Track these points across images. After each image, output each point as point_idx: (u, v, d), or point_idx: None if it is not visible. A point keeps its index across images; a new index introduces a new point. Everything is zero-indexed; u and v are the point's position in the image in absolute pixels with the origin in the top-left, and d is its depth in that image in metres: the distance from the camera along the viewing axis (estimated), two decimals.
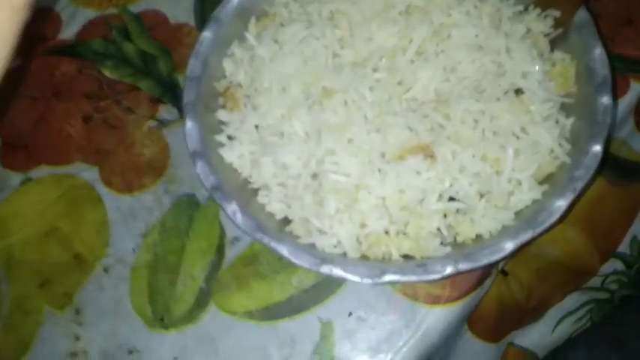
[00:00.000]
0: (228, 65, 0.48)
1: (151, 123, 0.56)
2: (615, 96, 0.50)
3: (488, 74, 0.42)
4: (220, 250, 0.49)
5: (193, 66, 0.46)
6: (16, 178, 0.55)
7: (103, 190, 0.53)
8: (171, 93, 0.57)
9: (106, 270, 0.49)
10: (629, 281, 0.57)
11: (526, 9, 0.46)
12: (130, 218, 0.51)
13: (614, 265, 0.56)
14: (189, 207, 0.51)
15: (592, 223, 0.51)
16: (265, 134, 0.43)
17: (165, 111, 0.56)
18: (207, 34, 0.48)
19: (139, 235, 0.50)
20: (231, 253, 0.49)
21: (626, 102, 0.52)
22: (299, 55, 0.45)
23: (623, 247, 0.55)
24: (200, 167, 0.42)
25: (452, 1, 0.45)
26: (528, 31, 0.44)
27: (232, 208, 0.40)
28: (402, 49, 0.44)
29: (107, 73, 0.59)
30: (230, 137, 0.45)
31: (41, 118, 0.57)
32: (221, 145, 0.45)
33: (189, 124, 0.43)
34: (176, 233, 0.50)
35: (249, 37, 0.48)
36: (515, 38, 0.43)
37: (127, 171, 0.53)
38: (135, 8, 0.62)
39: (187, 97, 0.45)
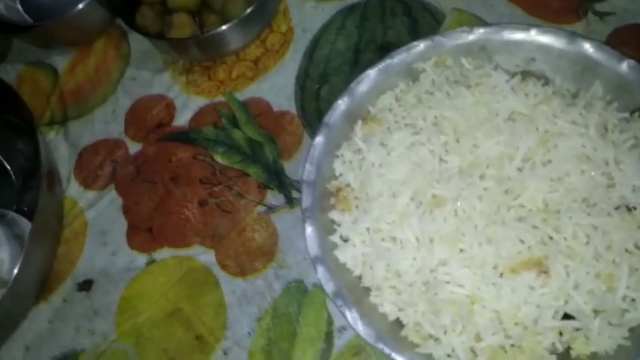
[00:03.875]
0: (338, 166, 0.52)
1: (260, 208, 0.60)
2: None
3: (597, 187, 0.43)
4: (329, 339, 0.52)
5: (309, 171, 0.51)
6: (141, 259, 0.61)
7: (219, 273, 0.58)
8: (277, 179, 0.61)
9: (225, 353, 0.54)
10: None
11: (631, 114, 0.47)
12: (245, 302, 0.56)
13: None
14: (298, 293, 0.55)
15: None
16: (377, 238, 0.46)
17: (273, 197, 0.61)
18: (319, 140, 0.52)
19: (254, 319, 0.55)
20: (339, 342, 0.52)
21: None
22: (407, 162, 0.48)
23: None
24: (321, 273, 0.45)
25: (557, 108, 0.47)
26: (636, 139, 0.45)
27: (353, 315, 0.43)
28: (509, 158, 0.46)
29: (219, 159, 0.64)
30: (343, 238, 0.49)
31: (161, 202, 0.64)
32: (335, 246, 0.48)
33: (308, 229, 0.47)
34: (287, 319, 0.54)
35: (358, 140, 0.52)
36: (624, 148, 0.44)
37: (240, 255, 0.58)
38: (241, 96, 0.68)
39: (305, 202, 0.49)
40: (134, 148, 0.68)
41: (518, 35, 0.52)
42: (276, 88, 0.67)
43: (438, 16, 0.66)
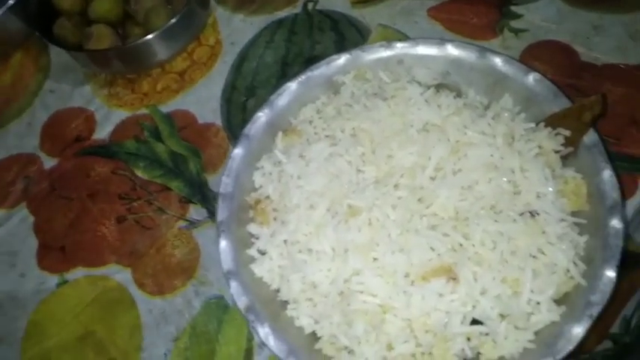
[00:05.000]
0: (257, 178, 0.51)
1: (182, 224, 0.58)
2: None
3: (504, 194, 0.44)
4: (249, 355, 0.51)
5: (226, 183, 0.49)
6: (52, 280, 0.57)
7: (135, 293, 0.55)
8: (200, 193, 0.60)
9: None
10: (613, 355, 0.58)
11: (537, 124, 0.49)
12: (162, 321, 0.53)
13: (605, 344, 0.57)
14: (218, 309, 0.53)
15: None
16: (294, 250, 0.46)
17: (195, 211, 0.59)
18: (238, 151, 0.51)
19: (171, 339, 0.52)
20: (259, 359, 0.50)
21: (635, 202, 0.54)
22: (325, 173, 0.48)
23: (614, 328, 0.56)
24: (234, 288, 0.44)
25: (467, 119, 0.48)
26: (540, 148, 0.47)
27: (265, 331, 0.42)
28: (422, 167, 0.47)
29: (139, 173, 0.62)
30: (260, 251, 0.48)
31: (77, 219, 0.60)
32: (252, 259, 0.47)
33: (223, 243, 0.46)
34: (206, 337, 0.52)
35: (277, 152, 0.51)
36: (529, 157, 0.46)
37: (158, 273, 0.56)
38: (165, 108, 0.66)
39: (221, 215, 0.48)
40: (49, 163, 0.65)
41: (433, 50, 0.54)
42: (202, 100, 0.66)
43: (363, 32, 0.67)
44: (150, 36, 0.62)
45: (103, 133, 0.66)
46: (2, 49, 0.71)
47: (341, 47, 0.66)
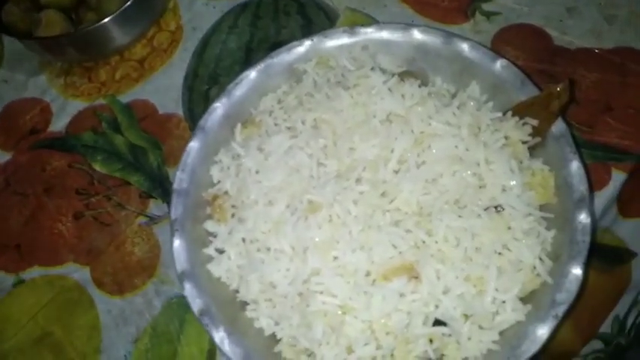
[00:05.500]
0: (215, 172, 0.49)
1: (142, 219, 0.56)
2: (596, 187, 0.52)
3: (468, 188, 0.43)
4: (211, 356, 0.49)
5: (180, 179, 0.47)
6: (8, 280, 0.55)
7: (94, 292, 0.53)
8: (161, 187, 0.58)
9: None
10: (606, 357, 0.58)
11: (504, 114, 0.47)
12: (122, 322, 0.52)
13: (595, 345, 0.56)
14: (179, 309, 0.51)
15: (577, 314, 0.52)
16: (252, 249, 0.44)
17: (156, 207, 0.57)
18: (194, 145, 0.49)
19: (131, 340, 0.51)
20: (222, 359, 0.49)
21: (609, 191, 0.53)
22: (284, 167, 0.46)
23: (604, 327, 0.55)
24: (188, 290, 0.42)
25: (431, 109, 0.46)
26: (507, 138, 0.45)
27: (220, 335, 0.40)
28: (384, 160, 0.45)
29: (97, 167, 0.60)
30: (218, 250, 0.46)
31: (32, 216, 0.58)
32: (210, 258, 0.45)
33: (176, 242, 0.44)
34: (167, 338, 0.50)
35: (235, 145, 0.49)
36: (495, 148, 0.44)
37: (118, 271, 0.54)
38: (124, 98, 0.63)
39: (175, 213, 0.46)
40: (3, 157, 0.62)
41: (398, 35, 0.51)
42: (163, 89, 0.63)
43: (331, 15, 0.65)
44: (104, 20, 0.58)
45: (59, 124, 0.63)
46: None
47: (308, 32, 0.64)
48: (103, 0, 0.61)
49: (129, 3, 0.59)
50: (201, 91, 0.62)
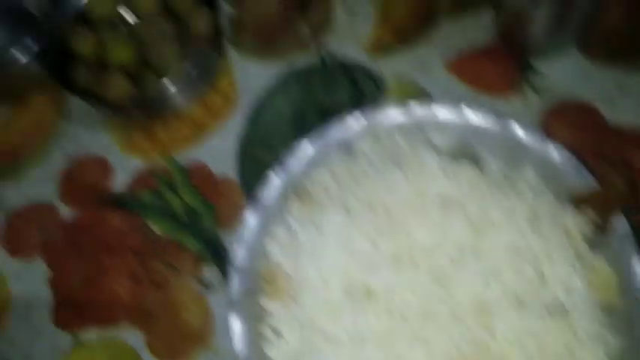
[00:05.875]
0: (271, 248, 0.50)
1: (195, 285, 0.58)
2: None
3: (529, 284, 0.42)
4: None
5: (239, 255, 0.49)
6: (66, 340, 0.57)
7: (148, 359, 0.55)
8: (214, 252, 0.59)
9: None
10: None
11: (563, 203, 0.47)
12: None
13: None
14: None
15: None
16: (309, 334, 0.45)
17: (209, 272, 0.58)
18: (251, 218, 0.50)
19: None
20: None
21: None
22: (339, 246, 0.47)
23: None
24: None
25: (487, 195, 0.47)
26: (567, 232, 0.45)
27: None
28: (440, 246, 0.45)
29: (155, 227, 0.62)
30: (273, 329, 0.47)
31: (91, 275, 0.60)
32: (265, 339, 0.46)
33: (236, 325, 0.45)
34: None
35: (291, 220, 0.50)
36: (555, 241, 0.44)
37: (171, 338, 0.55)
38: (180, 159, 0.66)
39: (233, 290, 0.47)
40: (67, 213, 0.65)
41: (451, 116, 0.52)
42: (217, 151, 0.65)
43: (379, 83, 0.66)
44: (168, 84, 0.62)
45: (119, 182, 0.65)
46: (22, 94, 0.72)
47: (356, 98, 0.65)
48: (161, 59, 0.63)
49: (190, 66, 0.62)
50: (254, 156, 0.64)
